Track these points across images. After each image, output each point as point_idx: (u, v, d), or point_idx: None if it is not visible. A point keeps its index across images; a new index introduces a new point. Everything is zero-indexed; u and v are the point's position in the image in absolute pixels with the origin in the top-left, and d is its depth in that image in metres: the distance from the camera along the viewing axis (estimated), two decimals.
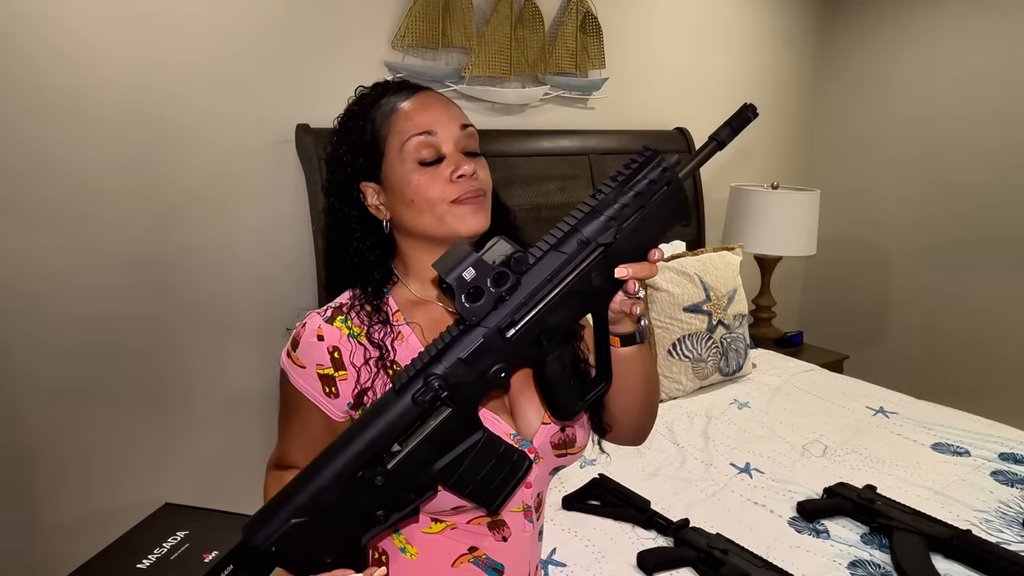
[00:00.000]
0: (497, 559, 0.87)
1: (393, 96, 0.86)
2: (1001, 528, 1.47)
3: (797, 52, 3.22)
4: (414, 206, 0.83)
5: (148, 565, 1.39)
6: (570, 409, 0.73)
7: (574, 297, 0.68)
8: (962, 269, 2.93)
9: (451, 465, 0.68)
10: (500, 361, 0.66)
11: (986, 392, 2.88)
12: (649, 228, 0.70)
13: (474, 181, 0.83)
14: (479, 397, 0.68)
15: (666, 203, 0.71)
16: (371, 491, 0.65)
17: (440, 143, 0.84)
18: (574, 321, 0.70)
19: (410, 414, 0.65)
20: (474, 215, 0.83)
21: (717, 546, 1.34)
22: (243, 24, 1.85)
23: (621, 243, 0.69)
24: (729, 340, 2.24)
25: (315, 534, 0.64)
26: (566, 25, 2.35)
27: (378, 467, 0.64)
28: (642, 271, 0.71)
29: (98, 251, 1.74)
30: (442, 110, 0.85)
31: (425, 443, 0.65)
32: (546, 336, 0.68)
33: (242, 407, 2.02)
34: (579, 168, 2.44)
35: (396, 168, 0.84)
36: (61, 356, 1.73)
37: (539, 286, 0.67)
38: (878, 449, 1.83)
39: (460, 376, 0.65)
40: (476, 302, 0.64)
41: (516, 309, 0.66)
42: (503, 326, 0.66)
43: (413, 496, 0.67)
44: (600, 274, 0.69)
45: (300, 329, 0.84)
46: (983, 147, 2.82)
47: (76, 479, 1.79)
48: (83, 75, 1.66)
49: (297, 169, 1.99)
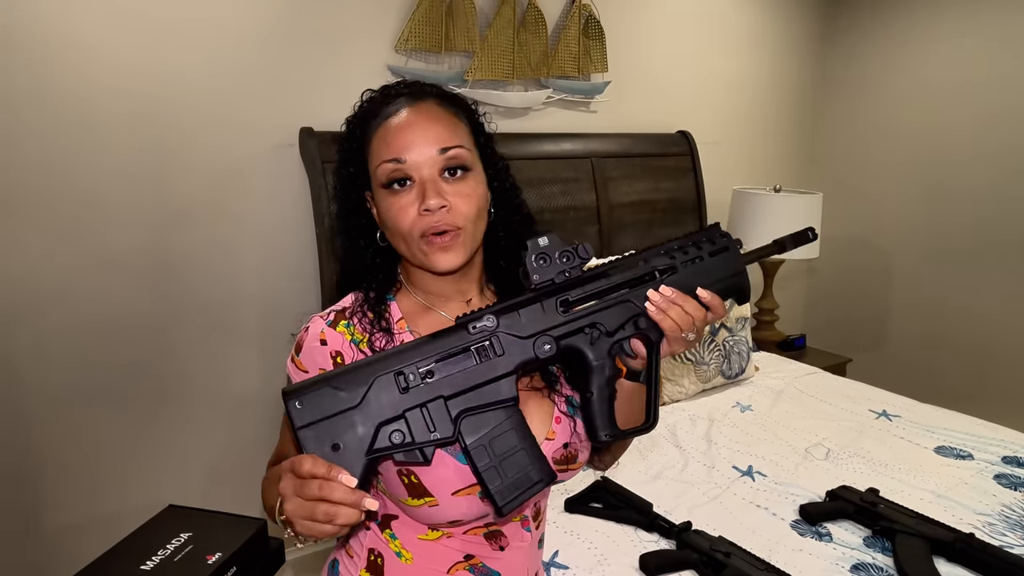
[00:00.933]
0: (494, 567, 0.87)
1: (389, 107, 0.83)
2: (1004, 531, 1.47)
3: (800, 56, 3.23)
4: (390, 230, 0.83)
5: (152, 567, 1.40)
6: (605, 430, 0.75)
7: (625, 308, 0.75)
8: (965, 272, 2.93)
9: (476, 420, 0.71)
10: (548, 330, 0.72)
11: (989, 395, 2.88)
12: (703, 277, 0.78)
13: (444, 215, 0.79)
14: (521, 361, 0.72)
15: (722, 264, 0.79)
16: (398, 396, 0.68)
17: (410, 170, 0.79)
18: (622, 328, 0.75)
19: (460, 339, 0.71)
20: (442, 254, 0.80)
21: (719, 549, 1.34)
22: (246, 29, 1.86)
23: (677, 277, 0.77)
24: (732, 343, 2.24)
25: (335, 411, 0.67)
26: (569, 28, 2.36)
27: (413, 372, 0.69)
28: (687, 303, 0.75)
29: (102, 256, 1.75)
30: (417, 131, 0.80)
31: (460, 376, 0.70)
32: (593, 329, 0.73)
33: (245, 410, 2.02)
34: (582, 171, 2.45)
35: (376, 189, 0.83)
36: (66, 360, 1.73)
37: (599, 283, 0.75)
38: (881, 452, 1.83)
39: (513, 327, 0.72)
40: (544, 266, 0.72)
41: (576, 290, 0.74)
42: (560, 300, 0.73)
43: (432, 431, 0.69)
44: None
45: (303, 334, 0.83)
46: (986, 151, 2.81)
47: (80, 482, 1.80)
48: (87, 81, 1.67)
49: (301, 173, 2.00)
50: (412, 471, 0.78)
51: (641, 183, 2.60)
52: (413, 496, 0.79)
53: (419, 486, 0.79)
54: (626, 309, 0.76)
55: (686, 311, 0.75)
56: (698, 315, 0.76)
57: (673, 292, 0.75)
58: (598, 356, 0.74)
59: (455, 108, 0.85)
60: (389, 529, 0.86)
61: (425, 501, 0.79)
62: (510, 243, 0.90)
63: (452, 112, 0.84)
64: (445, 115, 0.83)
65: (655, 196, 2.64)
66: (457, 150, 0.81)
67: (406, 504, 0.81)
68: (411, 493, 0.79)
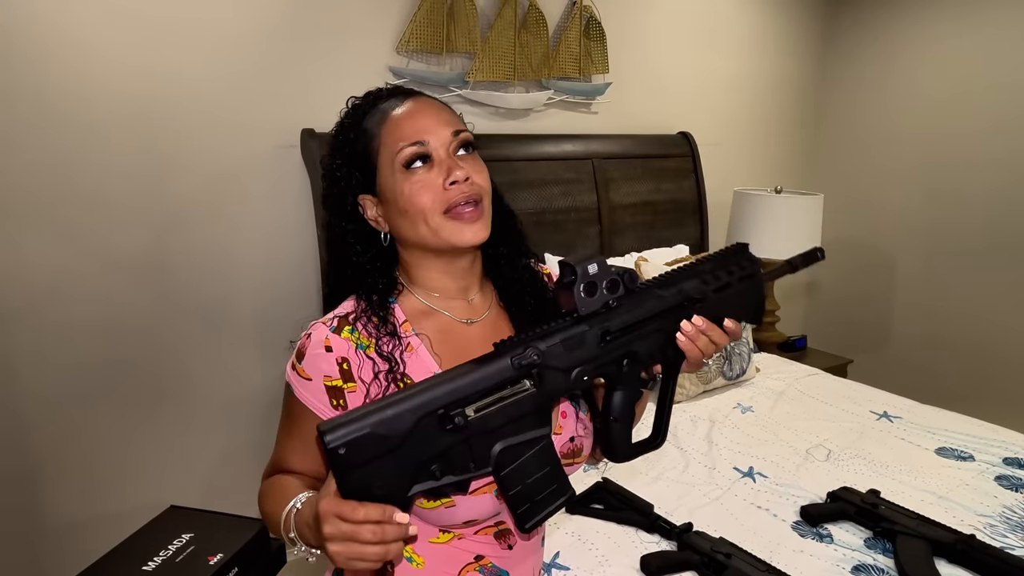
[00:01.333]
0: (503, 567, 0.88)
1: (384, 104, 0.85)
2: (1005, 533, 1.47)
3: (801, 56, 3.23)
4: (408, 217, 0.82)
5: (153, 567, 1.40)
6: (624, 452, 0.76)
7: (658, 337, 0.77)
8: (966, 273, 2.93)
9: (513, 451, 0.70)
10: (588, 362, 0.72)
11: (990, 396, 2.88)
12: (730, 306, 0.81)
13: (468, 186, 0.81)
14: (559, 392, 0.71)
15: (748, 292, 0.82)
16: (441, 434, 0.66)
17: (431, 151, 0.82)
18: (652, 357, 0.77)
19: (503, 373, 0.68)
20: (471, 226, 0.81)
21: (720, 550, 1.34)
22: (248, 29, 1.86)
23: (707, 305, 0.79)
24: (732, 344, 2.24)
25: (379, 454, 0.64)
26: (570, 30, 2.36)
27: (458, 411, 0.66)
28: (713, 331, 0.79)
29: (103, 257, 1.75)
30: (433, 117, 0.83)
31: (502, 411, 0.68)
32: (629, 359, 0.74)
33: (246, 410, 2.02)
34: (583, 172, 2.45)
35: (389, 179, 0.83)
36: (66, 361, 1.74)
37: (639, 312, 0.76)
38: (882, 453, 1.83)
39: (555, 358, 0.70)
40: (591, 296, 0.72)
41: (618, 319, 0.74)
42: (602, 330, 0.73)
43: (471, 464, 0.68)
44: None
45: (305, 341, 0.82)
46: (987, 153, 2.82)
47: (82, 482, 1.80)
48: (87, 81, 1.68)
49: (302, 174, 2.00)
50: None
51: (642, 184, 2.60)
52: (428, 498, 0.79)
53: (436, 489, 0.79)
54: (659, 337, 0.77)
55: (712, 340, 0.79)
56: (722, 341, 0.80)
57: (704, 322, 0.78)
58: (627, 384, 0.75)
59: (445, 104, 0.90)
60: None
61: (442, 503, 0.79)
62: (503, 234, 0.92)
63: (446, 105, 0.89)
64: (443, 106, 0.87)
65: (656, 197, 2.64)
66: (466, 133, 0.85)
67: (421, 507, 0.81)
68: (426, 495, 0.79)
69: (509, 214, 0.94)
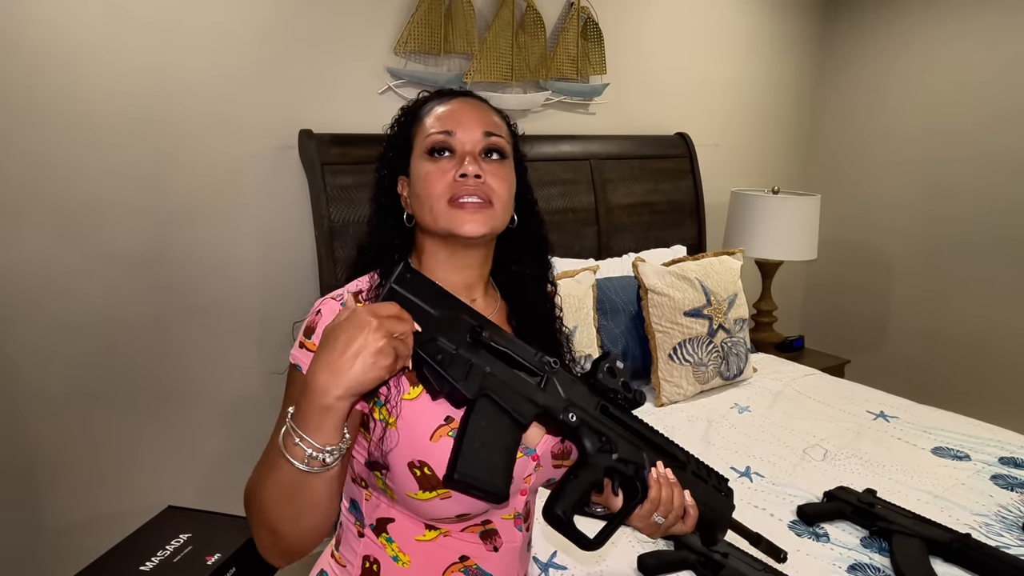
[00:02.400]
0: (487, 569, 0.87)
1: (442, 98, 0.90)
2: (1001, 532, 1.47)
3: (798, 57, 3.24)
4: (420, 199, 0.85)
5: (151, 567, 1.41)
6: (563, 510, 0.80)
7: (636, 454, 0.83)
8: (962, 274, 2.94)
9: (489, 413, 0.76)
10: (583, 410, 0.80)
11: (987, 396, 2.89)
12: (697, 493, 0.87)
13: (477, 184, 0.83)
14: (552, 411, 0.79)
15: (715, 498, 0.90)
16: (466, 339, 0.75)
17: (456, 143, 0.85)
18: (623, 462, 0.83)
19: (527, 352, 0.79)
20: (470, 220, 0.83)
21: (717, 549, 1.34)
22: (245, 30, 1.87)
23: (683, 475, 0.87)
24: (730, 344, 2.24)
25: (422, 302, 0.75)
26: (567, 31, 2.37)
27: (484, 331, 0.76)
28: (676, 491, 0.84)
29: (102, 256, 1.76)
30: (471, 113, 0.87)
31: (508, 373, 0.77)
32: (605, 443, 0.81)
33: (245, 410, 2.03)
34: (580, 173, 2.45)
35: (416, 161, 0.87)
36: (65, 360, 1.74)
37: (633, 423, 0.85)
38: (878, 453, 1.83)
39: (562, 383, 0.80)
40: (611, 376, 0.82)
41: (616, 409, 0.83)
42: (602, 404, 0.82)
43: (460, 380, 0.74)
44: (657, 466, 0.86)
45: (315, 317, 0.82)
46: (983, 152, 2.82)
47: (80, 482, 1.80)
48: (87, 82, 1.68)
49: (300, 174, 2.01)
50: (425, 463, 0.79)
51: (640, 185, 2.61)
52: (424, 489, 0.79)
53: (432, 478, 0.79)
54: (636, 454, 0.83)
55: (673, 496, 0.83)
56: (677, 506, 0.84)
57: (673, 477, 0.85)
58: (595, 460, 0.81)
59: (501, 115, 0.93)
60: (385, 533, 0.85)
61: (437, 493, 0.79)
62: (525, 254, 0.94)
63: (499, 114, 0.92)
64: (494, 112, 0.91)
65: (654, 198, 2.64)
66: (499, 138, 0.87)
67: (415, 498, 0.80)
68: (422, 486, 0.79)
69: (541, 238, 0.97)
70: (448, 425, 0.80)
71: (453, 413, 0.81)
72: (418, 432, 0.80)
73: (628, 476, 0.83)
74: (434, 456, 0.79)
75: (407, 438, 0.79)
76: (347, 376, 0.66)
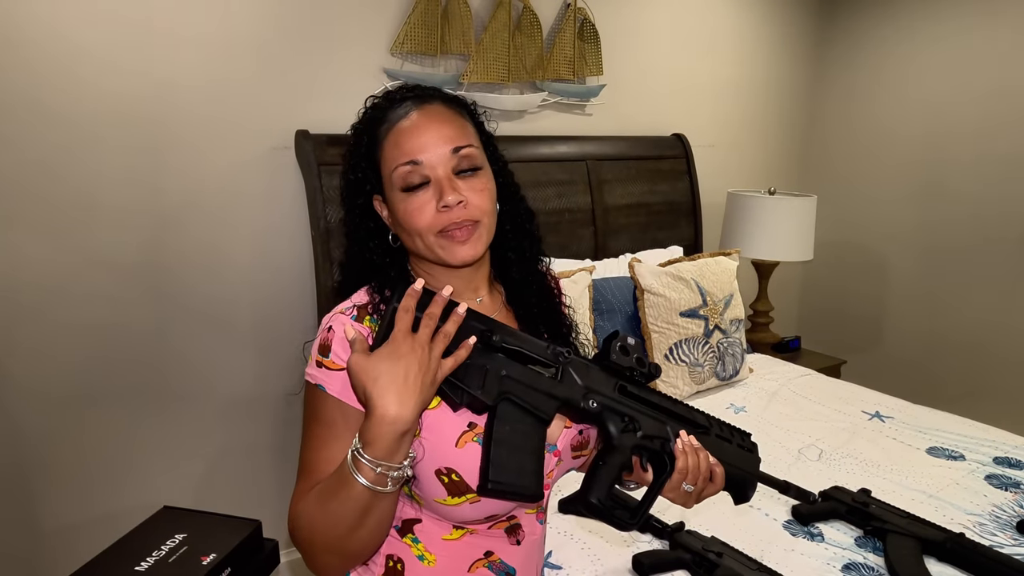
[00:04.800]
0: (510, 563, 0.89)
1: (395, 111, 0.84)
2: (995, 531, 1.48)
3: (794, 58, 3.25)
4: (405, 231, 0.84)
5: (147, 568, 1.40)
6: (597, 497, 0.80)
7: (659, 427, 0.84)
8: (958, 274, 2.95)
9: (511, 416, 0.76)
10: (603, 395, 0.81)
11: (982, 397, 2.89)
12: (722, 454, 0.88)
13: (461, 211, 0.81)
14: (571, 400, 0.79)
15: (741, 457, 0.91)
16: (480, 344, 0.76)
17: (426, 170, 0.82)
18: (649, 439, 0.83)
19: (538, 347, 0.79)
20: (461, 247, 0.82)
21: (712, 549, 1.35)
22: (242, 31, 1.87)
23: (708, 440, 0.88)
24: (726, 345, 2.25)
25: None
26: (564, 32, 2.37)
27: (494, 335, 0.77)
28: (702, 457, 0.85)
29: (98, 258, 1.76)
30: (430, 132, 0.82)
31: (527, 370, 0.78)
32: (628, 423, 0.82)
33: (240, 411, 2.03)
34: (577, 174, 2.46)
35: (390, 192, 0.84)
36: (61, 362, 1.74)
37: (652, 397, 0.85)
38: (873, 453, 1.84)
39: (577, 370, 0.80)
40: (624, 355, 0.82)
41: (634, 387, 0.83)
42: (620, 384, 0.82)
43: (479, 388, 0.75)
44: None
45: (327, 334, 0.81)
46: (980, 154, 2.83)
47: (76, 483, 1.80)
48: (83, 83, 1.68)
49: (296, 175, 2.01)
50: (453, 470, 0.79)
51: (636, 186, 2.61)
52: (453, 495, 0.80)
53: (460, 483, 0.79)
54: (660, 429, 0.84)
55: (699, 462, 0.84)
56: (704, 470, 0.85)
57: (697, 443, 0.85)
58: (620, 442, 0.81)
59: (459, 108, 0.89)
60: (411, 534, 0.86)
61: (467, 498, 0.80)
62: (517, 236, 0.94)
63: (458, 112, 0.88)
64: (452, 116, 0.86)
65: (650, 199, 2.65)
66: (468, 149, 0.84)
67: (444, 504, 0.81)
68: (451, 492, 0.80)
69: (526, 216, 0.96)
70: (472, 431, 0.81)
71: (476, 419, 0.81)
72: (443, 440, 0.80)
73: (655, 451, 0.83)
74: (461, 462, 0.79)
75: (433, 447, 0.80)
76: (417, 399, 0.70)
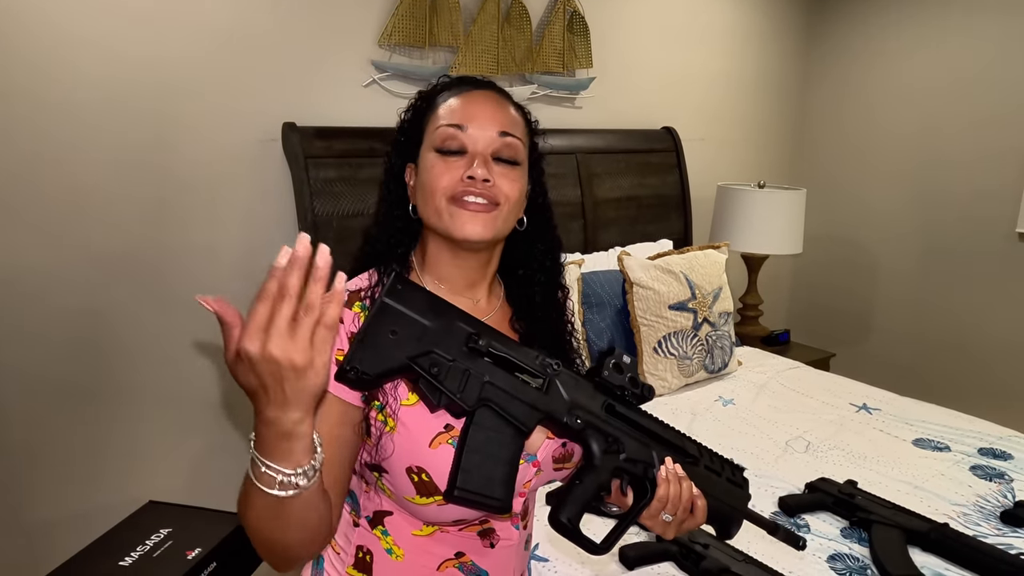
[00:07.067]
0: (482, 565, 0.87)
1: (462, 86, 0.86)
2: (979, 522, 1.49)
3: (784, 51, 3.25)
4: (423, 192, 0.83)
5: (131, 562, 1.40)
6: (562, 518, 0.77)
7: (644, 452, 0.81)
8: (947, 267, 2.96)
9: (489, 422, 0.74)
10: (588, 412, 0.78)
11: (969, 389, 2.92)
12: (709, 487, 0.85)
13: (484, 187, 0.80)
14: (555, 413, 0.76)
15: (729, 491, 0.88)
16: (463, 348, 0.72)
17: (468, 140, 0.81)
18: (631, 462, 0.80)
19: (527, 356, 0.76)
20: (471, 222, 0.80)
21: (698, 540, 1.35)
22: (229, 23, 1.85)
23: (695, 471, 0.84)
24: (715, 338, 2.25)
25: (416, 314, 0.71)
26: (553, 24, 2.36)
27: (480, 339, 0.73)
28: (685, 487, 0.81)
29: (84, 249, 1.74)
30: (486, 109, 0.83)
31: (512, 379, 0.75)
32: (612, 444, 0.79)
33: (228, 405, 2.02)
34: (567, 167, 2.45)
35: (425, 151, 0.84)
36: (44, 354, 1.72)
37: (640, 419, 0.82)
38: (860, 445, 1.84)
39: (565, 384, 0.78)
40: (617, 373, 0.80)
41: (622, 407, 0.81)
42: (607, 403, 0.80)
43: (459, 392, 0.72)
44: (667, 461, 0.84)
45: None
46: (970, 149, 2.84)
47: (60, 477, 1.78)
48: (72, 73, 1.66)
49: (284, 167, 1.99)
50: (424, 470, 0.78)
51: (626, 179, 2.61)
52: (422, 495, 0.79)
53: (429, 484, 0.78)
54: (645, 453, 0.81)
55: (681, 492, 0.80)
56: (686, 500, 0.81)
57: (682, 472, 0.81)
58: (601, 462, 0.78)
59: (521, 112, 0.89)
60: (382, 526, 0.85)
61: (435, 500, 0.79)
62: (538, 258, 0.92)
63: (518, 111, 0.88)
64: (512, 108, 0.87)
65: (640, 192, 2.65)
66: (515, 139, 0.84)
67: (413, 503, 0.80)
68: (420, 491, 0.78)
69: (554, 242, 0.94)
70: (448, 433, 0.79)
71: (454, 421, 0.79)
72: (417, 439, 0.78)
73: (637, 475, 0.80)
74: (433, 463, 0.78)
75: (406, 444, 0.78)
76: (297, 399, 0.64)
